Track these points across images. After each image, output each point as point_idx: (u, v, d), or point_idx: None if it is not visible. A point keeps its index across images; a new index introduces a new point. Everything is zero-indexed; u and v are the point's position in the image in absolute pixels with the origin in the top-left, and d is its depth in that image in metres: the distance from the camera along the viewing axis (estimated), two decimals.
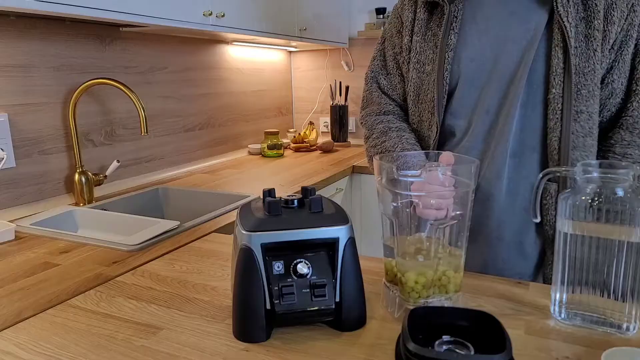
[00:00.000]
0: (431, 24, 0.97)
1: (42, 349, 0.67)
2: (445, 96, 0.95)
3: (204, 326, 0.72)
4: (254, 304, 0.66)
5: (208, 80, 2.15)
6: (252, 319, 0.66)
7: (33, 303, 0.82)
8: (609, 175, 0.64)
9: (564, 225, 0.68)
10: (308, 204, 0.71)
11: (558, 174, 0.71)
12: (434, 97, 0.96)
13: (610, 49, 0.86)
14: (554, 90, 0.87)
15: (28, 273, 0.96)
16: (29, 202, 1.41)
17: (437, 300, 0.71)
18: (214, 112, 2.19)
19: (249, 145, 2.43)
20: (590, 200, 0.65)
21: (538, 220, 0.76)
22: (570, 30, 0.84)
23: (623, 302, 0.65)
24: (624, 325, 0.66)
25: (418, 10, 0.99)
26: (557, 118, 0.87)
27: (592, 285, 0.67)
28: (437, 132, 0.97)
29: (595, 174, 0.65)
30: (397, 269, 0.71)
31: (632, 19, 0.86)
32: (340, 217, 0.70)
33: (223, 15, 1.70)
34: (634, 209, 0.62)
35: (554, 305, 0.71)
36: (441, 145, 1.00)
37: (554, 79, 0.86)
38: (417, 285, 0.70)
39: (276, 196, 0.73)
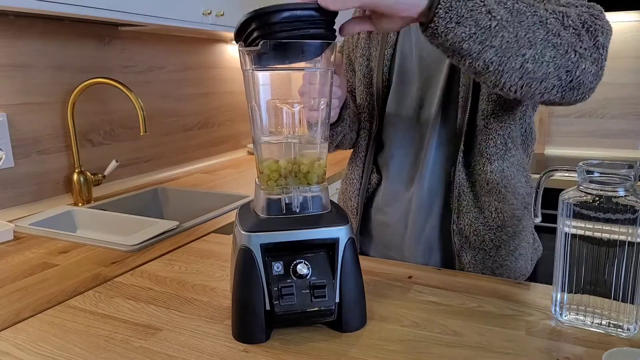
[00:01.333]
0: None
1: (40, 349, 0.67)
2: (383, 90, 1.00)
3: (203, 327, 0.71)
4: (253, 304, 0.66)
5: (207, 79, 2.14)
6: (252, 320, 0.66)
7: (32, 303, 0.82)
8: (610, 175, 0.64)
9: (565, 225, 0.67)
10: (308, 204, 0.70)
11: (559, 174, 0.71)
12: (373, 91, 1.01)
13: None
14: (459, 89, 0.90)
15: (27, 273, 0.95)
16: (28, 202, 1.41)
17: (297, 190, 0.69)
18: (213, 112, 2.19)
19: (248, 145, 2.43)
20: (591, 200, 0.65)
21: (539, 219, 0.76)
22: None
23: (624, 302, 0.65)
24: (625, 326, 0.66)
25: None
26: (463, 116, 0.91)
27: (593, 286, 0.67)
28: (376, 124, 1.02)
29: (596, 174, 0.65)
30: (257, 159, 0.71)
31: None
32: (340, 217, 0.69)
33: (222, 14, 1.70)
34: (635, 209, 0.62)
35: (555, 305, 0.71)
36: (380, 138, 1.03)
37: (459, 76, 0.90)
38: (274, 173, 0.69)
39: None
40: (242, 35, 0.67)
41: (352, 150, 1.10)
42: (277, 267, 0.66)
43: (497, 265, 0.93)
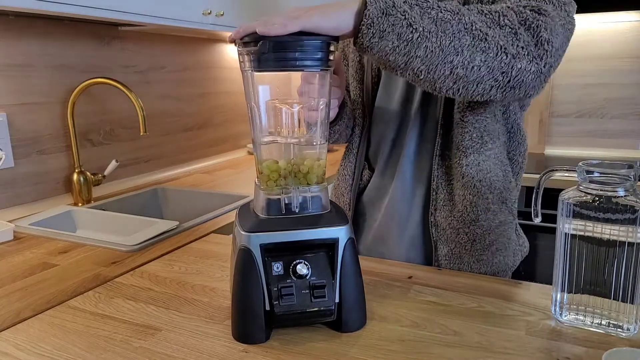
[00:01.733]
0: None
1: (40, 350, 0.67)
2: (373, 87, 1.01)
3: (203, 327, 0.71)
4: (253, 305, 0.66)
5: (207, 79, 2.14)
6: (251, 320, 0.66)
7: (32, 304, 0.82)
8: (610, 175, 0.64)
9: (565, 225, 0.67)
10: (308, 204, 0.70)
11: (559, 174, 0.71)
12: (363, 84, 1.02)
13: None
14: None
15: (27, 273, 0.95)
16: (28, 202, 1.41)
17: (297, 190, 0.69)
18: (212, 112, 2.19)
19: (247, 145, 2.43)
20: (591, 200, 0.65)
21: (539, 219, 0.76)
22: None
23: (624, 302, 0.65)
24: (625, 326, 0.66)
25: None
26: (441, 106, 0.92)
27: (593, 286, 0.67)
28: (368, 120, 1.03)
29: (596, 174, 0.65)
30: (257, 159, 0.71)
31: None
32: (340, 217, 0.69)
33: (222, 14, 1.69)
34: (635, 209, 0.62)
35: (555, 305, 0.71)
36: (370, 130, 1.04)
37: None
38: (273, 173, 0.69)
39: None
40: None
41: (345, 146, 1.11)
42: (277, 267, 0.66)
43: (474, 260, 0.92)
